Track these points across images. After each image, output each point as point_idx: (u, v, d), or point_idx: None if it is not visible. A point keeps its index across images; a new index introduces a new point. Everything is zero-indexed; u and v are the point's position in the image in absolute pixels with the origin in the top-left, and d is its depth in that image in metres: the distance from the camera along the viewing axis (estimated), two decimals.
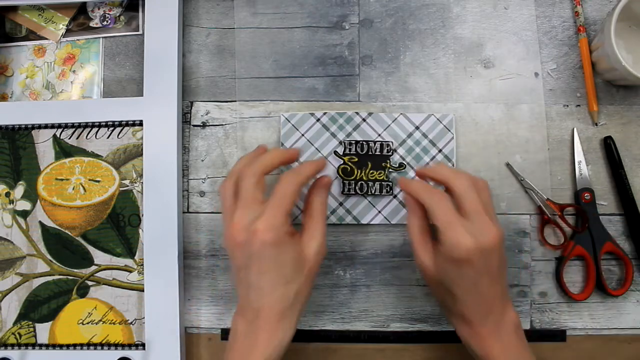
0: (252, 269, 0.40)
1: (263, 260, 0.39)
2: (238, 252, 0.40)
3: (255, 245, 0.38)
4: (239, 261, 0.40)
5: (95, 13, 0.56)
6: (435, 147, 0.52)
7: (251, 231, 0.39)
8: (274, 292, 0.40)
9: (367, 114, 0.53)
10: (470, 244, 0.38)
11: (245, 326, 0.41)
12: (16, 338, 0.52)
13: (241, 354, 0.40)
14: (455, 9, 0.54)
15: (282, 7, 0.55)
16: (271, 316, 0.40)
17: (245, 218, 0.40)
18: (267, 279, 0.40)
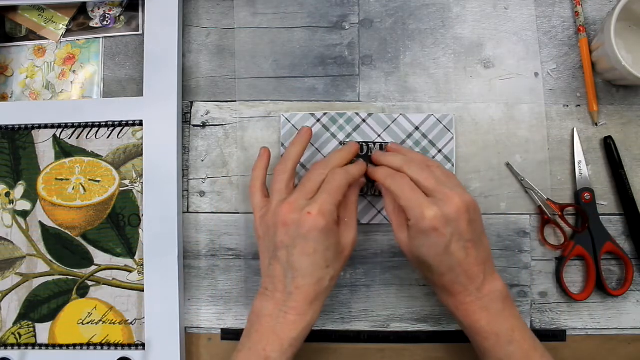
0: (296, 249, 0.41)
1: (310, 243, 0.41)
2: (284, 230, 0.42)
3: (305, 226, 0.41)
4: (283, 240, 0.42)
5: (95, 13, 0.56)
6: (435, 148, 0.52)
7: (304, 213, 0.41)
8: (314, 275, 0.42)
9: (367, 114, 0.53)
10: (433, 213, 0.40)
11: (273, 307, 0.42)
12: (16, 338, 0.52)
13: (268, 333, 0.42)
14: (455, 9, 0.54)
15: (282, 7, 0.55)
16: (306, 298, 0.42)
17: (299, 201, 0.42)
18: (309, 261, 0.41)
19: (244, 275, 0.53)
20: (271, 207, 0.44)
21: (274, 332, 0.42)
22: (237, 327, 0.52)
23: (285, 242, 0.42)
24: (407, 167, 0.44)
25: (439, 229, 0.40)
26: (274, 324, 0.42)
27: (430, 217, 0.40)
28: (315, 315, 0.43)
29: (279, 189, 0.45)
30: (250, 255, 0.53)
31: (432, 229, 0.40)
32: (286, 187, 0.45)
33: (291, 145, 0.48)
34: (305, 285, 0.42)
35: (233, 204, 0.53)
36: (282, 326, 0.42)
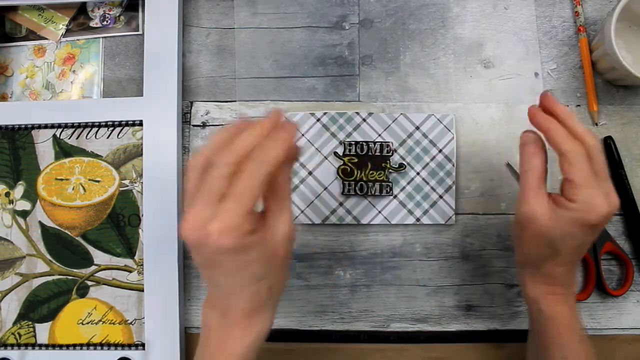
0: (215, 271, 0.35)
1: (225, 265, 0.34)
2: (193, 250, 0.34)
3: (210, 249, 0.32)
4: (197, 260, 0.35)
5: (95, 13, 0.56)
6: (435, 147, 0.52)
7: (204, 234, 0.31)
8: (243, 292, 0.35)
9: (368, 114, 0.53)
10: (605, 209, 0.36)
11: (217, 319, 0.37)
12: (16, 338, 0.52)
13: (218, 351, 0.37)
14: (455, 9, 0.54)
15: (282, 7, 0.55)
16: (244, 314, 0.36)
17: (199, 214, 0.32)
18: (233, 281, 0.35)
19: None
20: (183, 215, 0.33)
21: (222, 350, 0.37)
22: None
23: (200, 262, 0.35)
24: (589, 140, 0.37)
25: (598, 227, 0.38)
26: (221, 339, 0.37)
27: (602, 213, 0.36)
28: (265, 325, 0.37)
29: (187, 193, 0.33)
30: None
31: (593, 225, 0.37)
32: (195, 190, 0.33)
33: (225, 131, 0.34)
34: (238, 302, 0.36)
35: None
36: (229, 342, 0.37)
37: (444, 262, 0.52)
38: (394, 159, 0.52)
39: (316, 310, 0.53)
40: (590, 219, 0.37)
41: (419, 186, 0.52)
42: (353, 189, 0.51)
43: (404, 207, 0.52)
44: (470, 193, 0.53)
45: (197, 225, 0.31)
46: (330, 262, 0.53)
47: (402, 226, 0.52)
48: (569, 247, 0.38)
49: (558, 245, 0.38)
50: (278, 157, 0.33)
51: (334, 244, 0.53)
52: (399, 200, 0.52)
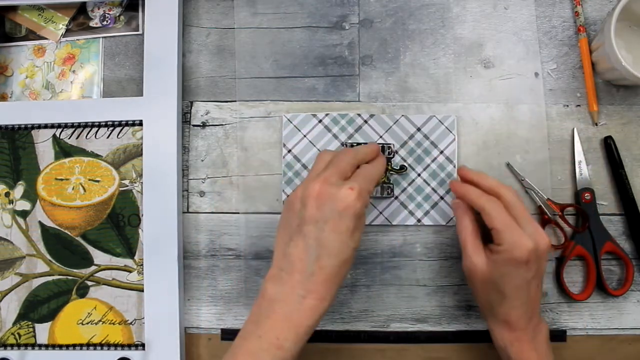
0: (328, 225, 0.39)
1: (344, 220, 0.39)
2: (315, 204, 0.39)
3: (342, 203, 0.39)
4: (313, 214, 0.39)
5: (95, 13, 0.56)
6: (436, 149, 0.52)
7: (344, 189, 0.39)
8: (340, 255, 0.39)
9: (369, 115, 0.53)
10: (530, 245, 0.41)
11: (289, 291, 0.39)
12: (16, 338, 0.52)
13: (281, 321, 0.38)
14: (455, 9, 0.54)
15: (282, 7, 0.55)
16: (328, 280, 0.39)
17: (333, 177, 0.40)
18: (340, 239, 0.39)
19: (244, 275, 0.53)
20: (305, 181, 0.42)
21: (289, 319, 0.38)
22: (237, 327, 0.52)
23: (315, 217, 0.39)
24: (503, 192, 0.43)
25: (529, 263, 0.41)
26: (290, 309, 0.39)
27: (527, 249, 0.40)
28: (333, 301, 0.40)
29: (317, 168, 0.43)
30: (250, 255, 0.53)
31: (524, 261, 0.41)
32: (324, 168, 0.42)
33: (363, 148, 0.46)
34: (330, 265, 0.39)
35: (233, 204, 0.53)
36: (299, 313, 0.38)
37: (444, 262, 0.52)
38: (395, 161, 0.52)
39: None
40: (517, 256, 0.41)
41: (420, 187, 0.52)
42: None
43: (405, 208, 0.52)
44: None
45: (332, 184, 0.40)
46: None
47: (402, 226, 0.52)
48: (511, 287, 0.42)
49: (501, 287, 0.42)
50: (382, 170, 0.46)
51: None
52: (400, 201, 0.52)
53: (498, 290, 0.42)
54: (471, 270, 0.44)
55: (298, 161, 0.52)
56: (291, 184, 0.52)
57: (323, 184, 0.40)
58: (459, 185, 0.46)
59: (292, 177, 0.52)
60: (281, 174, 0.53)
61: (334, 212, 0.39)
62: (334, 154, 0.44)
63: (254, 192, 0.53)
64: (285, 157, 0.53)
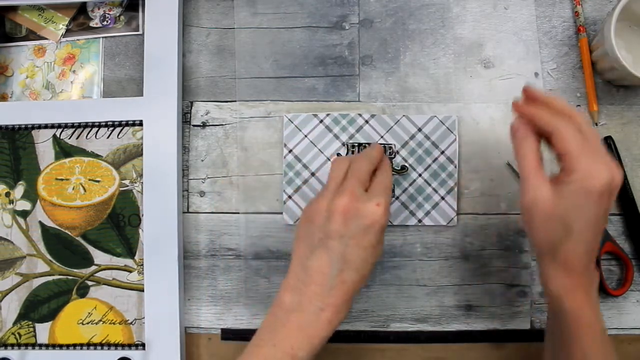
0: (353, 240, 0.39)
1: (369, 236, 0.39)
2: (341, 219, 0.39)
3: (369, 219, 0.39)
4: (338, 229, 0.39)
5: (95, 13, 0.56)
6: (437, 149, 0.52)
7: (371, 205, 0.39)
8: (361, 270, 0.40)
9: (370, 115, 0.53)
10: (606, 176, 0.36)
11: (307, 302, 0.39)
12: (16, 338, 0.52)
13: (297, 331, 0.39)
14: (455, 9, 0.54)
15: (282, 7, 0.55)
16: (347, 294, 0.39)
17: (357, 189, 0.40)
18: (364, 255, 0.39)
19: (244, 275, 0.53)
20: (326, 192, 0.41)
21: (304, 330, 0.38)
22: (237, 327, 0.52)
23: (341, 232, 0.39)
24: (576, 115, 0.38)
25: (603, 196, 0.36)
26: (306, 321, 0.39)
27: (603, 179, 0.35)
28: (347, 314, 0.40)
29: (336, 177, 0.42)
30: (250, 255, 0.53)
31: (598, 193, 0.36)
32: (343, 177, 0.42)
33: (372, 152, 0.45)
34: (351, 280, 0.39)
35: (233, 204, 0.53)
36: (316, 324, 0.39)
37: (444, 262, 0.52)
38: (396, 161, 0.52)
39: None
40: (593, 185, 0.36)
41: (421, 188, 0.52)
42: None
43: (406, 208, 0.52)
44: (470, 193, 0.53)
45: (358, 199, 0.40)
46: None
47: (402, 226, 0.52)
48: (580, 222, 0.37)
49: (569, 222, 0.37)
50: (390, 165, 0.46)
51: None
52: (401, 201, 0.52)
53: (564, 225, 0.37)
54: (533, 204, 0.38)
55: (299, 161, 0.53)
56: (292, 184, 0.52)
57: (350, 199, 0.40)
58: (524, 106, 0.40)
59: (293, 177, 0.52)
60: (281, 174, 0.53)
61: (360, 228, 0.39)
62: (350, 160, 0.43)
63: (254, 192, 0.53)
64: (286, 157, 0.53)
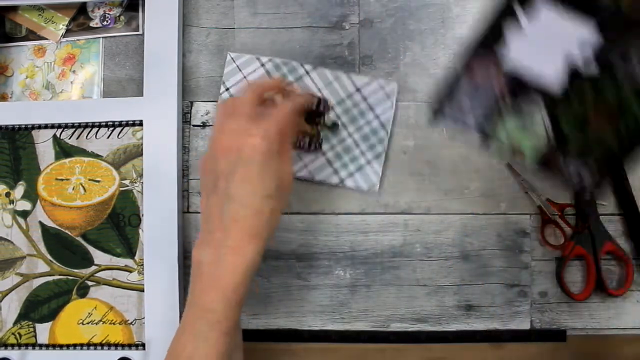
0: (236, 176, 0.38)
1: (250, 167, 0.37)
2: (224, 158, 0.38)
3: (246, 150, 0.37)
4: (222, 168, 0.38)
5: (95, 13, 0.56)
6: (372, 113, 0.52)
7: (246, 135, 0.38)
8: (253, 204, 0.38)
9: (312, 67, 0.53)
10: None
11: (212, 251, 0.38)
12: (16, 338, 0.52)
13: (208, 283, 0.37)
14: (455, 9, 0.54)
15: (282, 7, 0.55)
16: (245, 231, 0.37)
17: (238, 125, 0.39)
18: (249, 187, 0.38)
19: None
20: (212, 133, 0.41)
21: (215, 281, 0.37)
22: None
23: (225, 170, 0.38)
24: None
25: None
26: (214, 270, 0.37)
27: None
28: (257, 256, 0.38)
29: (219, 119, 0.41)
30: None
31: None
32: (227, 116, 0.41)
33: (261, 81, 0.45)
34: (243, 216, 0.37)
35: None
36: (222, 271, 0.37)
37: (444, 262, 0.52)
38: (329, 117, 0.52)
39: (316, 310, 0.53)
40: None
41: (349, 148, 0.52)
42: None
43: (330, 165, 0.52)
44: (470, 193, 0.53)
45: (237, 131, 0.38)
46: (330, 262, 0.53)
47: (402, 225, 0.52)
48: None
49: None
50: (302, 102, 0.44)
51: (334, 244, 0.53)
52: (327, 158, 0.52)
53: None
54: None
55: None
56: None
57: (227, 135, 0.39)
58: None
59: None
60: None
61: (240, 161, 0.38)
62: (232, 99, 0.42)
63: None
64: (222, 95, 0.53)
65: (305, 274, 0.53)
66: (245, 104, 0.40)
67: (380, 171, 0.52)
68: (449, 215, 0.53)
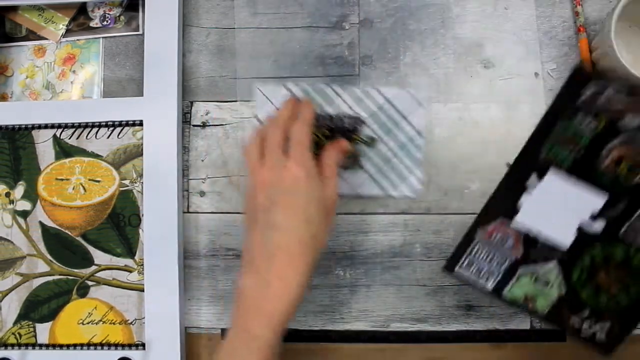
0: (278, 206, 0.39)
1: (291, 196, 0.39)
2: (262, 193, 0.40)
3: (286, 180, 0.39)
4: (261, 202, 0.40)
5: (95, 13, 0.56)
6: (406, 121, 0.52)
7: (282, 167, 0.40)
8: (295, 231, 0.38)
9: (340, 87, 0.53)
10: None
11: (255, 280, 0.38)
12: (16, 338, 0.52)
13: (252, 310, 0.37)
14: (455, 9, 0.54)
15: (282, 7, 0.55)
16: (289, 259, 0.38)
17: (272, 160, 0.41)
18: (290, 214, 0.39)
19: None
20: (249, 174, 0.43)
21: (259, 307, 0.37)
22: None
23: (265, 203, 0.40)
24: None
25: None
26: (258, 297, 0.37)
27: None
28: (302, 282, 0.38)
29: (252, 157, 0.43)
30: None
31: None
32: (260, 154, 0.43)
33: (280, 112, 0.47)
34: (286, 243, 0.38)
35: (233, 204, 0.53)
36: (267, 300, 0.37)
37: (444, 262, 0.52)
38: (365, 132, 0.52)
39: (316, 310, 0.53)
40: None
41: (388, 159, 0.52)
42: None
43: (373, 180, 0.52)
44: (470, 193, 0.53)
45: (273, 165, 0.40)
46: (330, 262, 0.53)
47: (402, 225, 0.52)
48: None
49: None
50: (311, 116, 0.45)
51: (334, 244, 0.53)
52: (369, 173, 0.52)
53: None
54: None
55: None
56: None
57: (264, 171, 0.41)
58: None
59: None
60: None
61: (280, 192, 0.39)
62: (259, 136, 0.44)
63: None
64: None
65: None
66: (275, 137, 0.42)
67: (422, 176, 0.52)
68: (449, 215, 0.53)
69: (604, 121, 0.37)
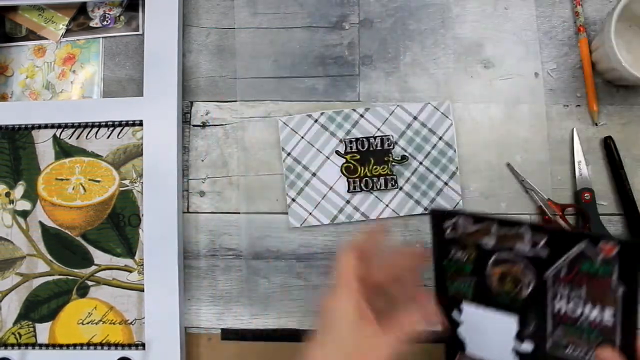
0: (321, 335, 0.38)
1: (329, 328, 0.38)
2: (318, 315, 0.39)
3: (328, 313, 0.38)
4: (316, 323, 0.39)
5: (95, 13, 0.56)
6: (435, 135, 0.52)
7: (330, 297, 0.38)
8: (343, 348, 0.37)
9: (364, 109, 0.53)
10: None
11: None
12: (16, 338, 0.52)
13: None
14: (455, 9, 0.54)
15: (282, 7, 0.55)
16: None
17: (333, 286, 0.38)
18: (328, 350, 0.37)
19: (244, 275, 0.53)
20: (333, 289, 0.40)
21: None
22: (237, 327, 0.52)
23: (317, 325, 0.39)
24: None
25: None
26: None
27: None
28: None
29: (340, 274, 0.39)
30: (250, 255, 0.53)
31: None
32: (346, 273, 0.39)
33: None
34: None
35: (233, 204, 0.53)
36: None
37: None
38: (396, 152, 0.52)
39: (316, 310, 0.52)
40: None
41: (423, 175, 0.52)
42: (358, 185, 0.51)
43: (411, 198, 0.52)
44: (470, 193, 0.53)
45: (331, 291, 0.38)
46: (330, 262, 0.53)
47: (402, 226, 0.52)
48: None
49: None
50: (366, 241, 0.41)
51: (333, 244, 0.53)
52: (405, 191, 0.52)
53: None
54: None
55: (298, 163, 0.53)
56: (294, 187, 0.52)
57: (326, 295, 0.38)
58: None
59: (295, 180, 0.52)
60: (282, 174, 0.53)
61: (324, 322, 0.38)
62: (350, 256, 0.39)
63: (254, 192, 0.53)
64: (286, 160, 0.53)
65: (305, 274, 0.53)
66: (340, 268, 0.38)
67: (459, 189, 0.52)
68: None
69: (472, 247, 0.38)
